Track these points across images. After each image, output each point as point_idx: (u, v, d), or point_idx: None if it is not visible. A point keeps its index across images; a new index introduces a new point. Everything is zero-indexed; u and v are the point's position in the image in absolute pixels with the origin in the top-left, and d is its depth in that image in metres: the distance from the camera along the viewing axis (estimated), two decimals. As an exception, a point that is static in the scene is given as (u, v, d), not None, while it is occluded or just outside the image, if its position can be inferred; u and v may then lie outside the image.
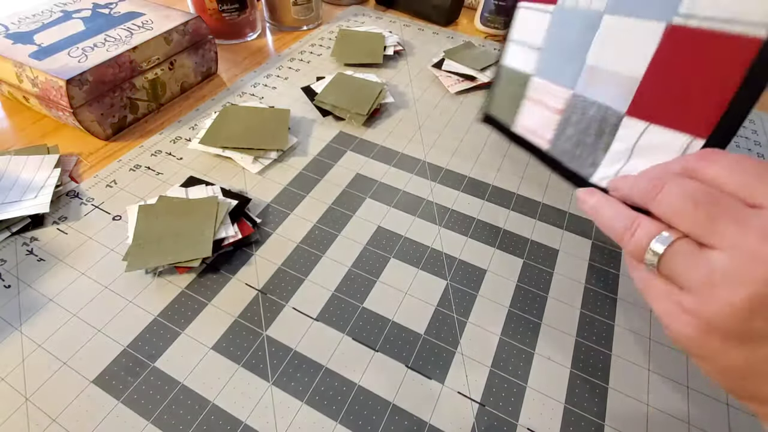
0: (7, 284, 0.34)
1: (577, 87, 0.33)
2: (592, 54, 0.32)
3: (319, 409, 0.29)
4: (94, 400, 0.28)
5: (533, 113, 0.37)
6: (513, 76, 0.39)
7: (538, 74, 0.36)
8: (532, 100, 0.37)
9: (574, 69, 0.33)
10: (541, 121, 0.36)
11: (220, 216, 0.37)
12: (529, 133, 0.37)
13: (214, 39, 0.55)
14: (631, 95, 0.29)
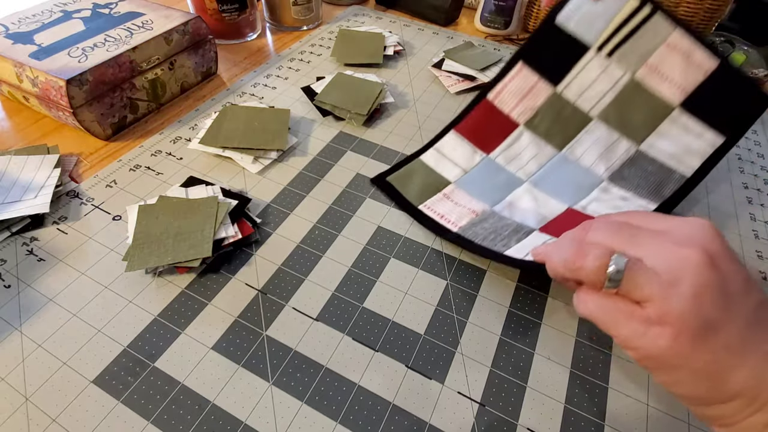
0: (7, 284, 0.34)
1: (495, 208, 0.39)
2: (512, 196, 0.39)
3: (319, 409, 0.29)
4: (94, 400, 0.28)
5: (446, 205, 0.40)
6: (430, 173, 0.42)
7: (459, 186, 0.41)
8: (448, 197, 0.41)
9: (495, 198, 0.40)
10: (455, 212, 0.39)
11: (220, 216, 0.37)
12: (437, 215, 0.39)
13: (214, 39, 0.55)
14: (542, 223, 0.37)
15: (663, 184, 0.38)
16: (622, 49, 0.39)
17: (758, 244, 0.42)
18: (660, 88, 0.39)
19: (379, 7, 0.79)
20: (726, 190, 0.47)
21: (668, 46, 0.38)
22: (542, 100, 0.41)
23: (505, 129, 0.42)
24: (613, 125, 0.40)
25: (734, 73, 0.38)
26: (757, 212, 0.45)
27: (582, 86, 0.40)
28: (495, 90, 0.43)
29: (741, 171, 0.50)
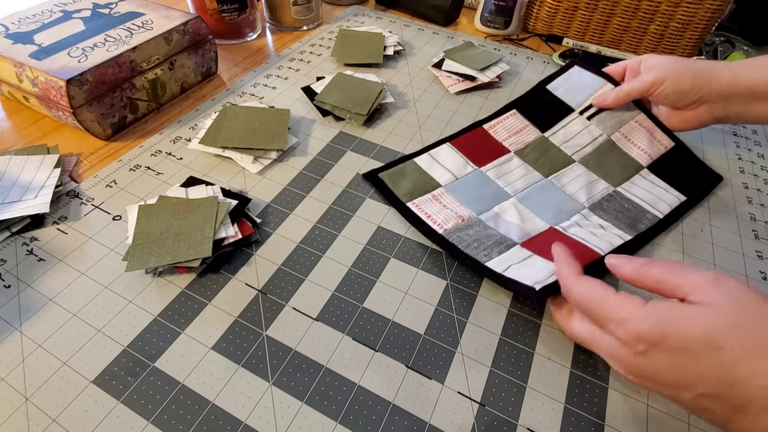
0: (7, 284, 0.34)
1: (481, 217, 0.40)
2: (498, 208, 0.41)
3: (319, 409, 0.29)
4: (94, 400, 0.28)
5: (434, 206, 0.41)
6: (422, 174, 0.44)
7: (449, 190, 0.43)
8: (437, 199, 0.42)
9: (482, 207, 0.41)
10: (442, 214, 0.40)
11: (220, 216, 0.37)
12: (425, 215, 0.40)
13: (214, 39, 0.55)
14: (525, 239, 0.38)
15: (638, 220, 0.41)
16: (600, 116, 0.47)
17: (758, 244, 0.42)
18: (631, 151, 0.46)
19: (379, 7, 0.79)
20: (726, 191, 0.47)
21: (636, 122, 0.46)
22: (532, 139, 0.47)
23: (497, 152, 0.46)
24: (592, 169, 0.45)
25: (689, 154, 0.46)
26: (757, 212, 0.45)
27: (566, 136, 0.47)
28: (490, 123, 0.49)
29: (741, 171, 0.50)
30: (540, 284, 0.32)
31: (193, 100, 0.54)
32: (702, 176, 0.46)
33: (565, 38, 0.71)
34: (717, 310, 0.22)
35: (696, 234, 0.42)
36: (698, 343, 0.22)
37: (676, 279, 0.25)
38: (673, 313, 0.23)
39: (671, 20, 0.62)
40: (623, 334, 0.24)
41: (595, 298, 0.26)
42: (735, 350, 0.21)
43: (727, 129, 0.56)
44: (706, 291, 0.23)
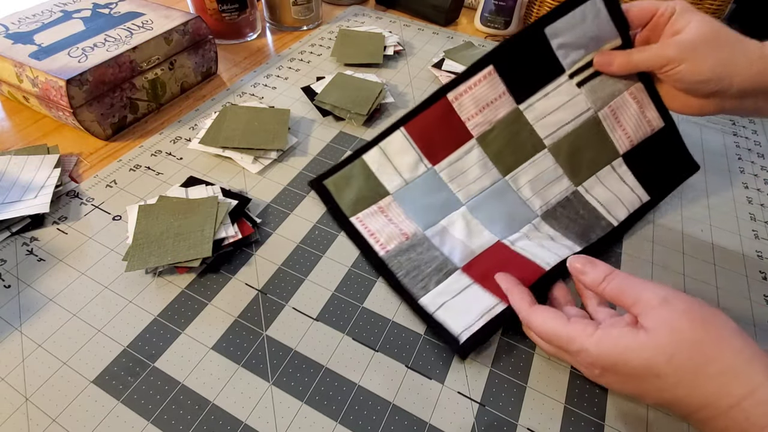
0: (7, 284, 0.34)
1: (428, 233, 0.38)
2: (447, 220, 0.39)
3: (319, 409, 0.29)
4: (94, 400, 0.28)
5: (378, 220, 0.39)
6: (369, 178, 0.40)
7: (397, 199, 0.39)
8: (383, 211, 0.39)
9: (429, 220, 0.39)
10: (386, 231, 0.38)
11: (220, 216, 0.37)
12: (368, 233, 0.38)
13: (214, 39, 0.55)
14: (468, 260, 0.36)
15: (590, 229, 0.39)
16: (592, 83, 0.39)
17: (758, 243, 0.42)
18: (614, 133, 0.40)
19: (379, 7, 0.79)
20: (726, 190, 0.47)
21: (630, 94, 0.39)
22: (502, 115, 0.39)
23: (457, 138, 0.40)
24: (561, 160, 0.40)
25: (676, 136, 0.41)
26: (757, 212, 0.45)
27: (546, 110, 0.39)
28: (458, 90, 0.39)
29: (741, 171, 0.50)
30: (468, 331, 0.32)
31: (193, 100, 0.54)
32: (676, 166, 0.42)
33: (565, 38, 0.70)
34: (654, 340, 0.24)
35: (696, 234, 0.42)
36: (641, 370, 0.24)
37: (630, 298, 0.27)
38: (618, 343, 0.25)
39: (671, 20, 0.62)
40: (580, 362, 0.27)
41: (548, 331, 0.28)
42: (671, 377, 0.24)
43: (727, 129, 0.56)
44: (651, 315, 0.25)
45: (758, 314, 0.36)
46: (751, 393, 0.22)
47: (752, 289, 0.38)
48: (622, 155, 0.40)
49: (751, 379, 0.22)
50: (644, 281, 0.27)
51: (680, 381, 0.23)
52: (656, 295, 0.26)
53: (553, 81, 0.39)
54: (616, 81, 0.39)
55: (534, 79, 0.39)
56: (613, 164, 0.40)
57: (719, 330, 0.24)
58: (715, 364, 0.23)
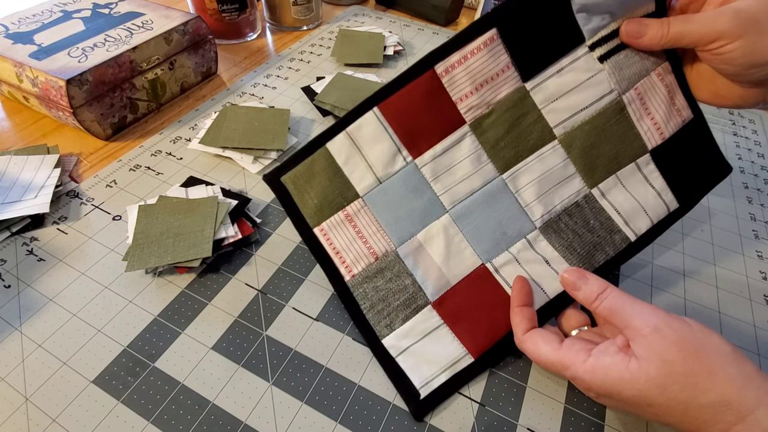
0: (7, 284, 0.34)
1: (401, 250, 0.32)
2: (424, 234, 0.32)
3: (319, 409, 0.29)
4: (94, 400, 0.28)
5: (345, 234, 0.32)
6: (336, 175, 0.32)
7: (368, 202, 0.32)
8: (350, 220, 0.32)
9: (405, 232, 0.32)
10: (353, 250, 0.32)
11: (220, 216, 0.37)
12: (333, 250, 0.32)
13: (214, 39, 0.55)
14: (441, 292, 0.32)
15: (599, 247, 0.33)
16: (617, 57, 0.31)
17: (758, 244, 0.42)
18: (641, 122, 0.32)
19: (379, 7, 0.79)
20: (726, 191, 0.47)
21: (658, 75, 0.32)
22: (504, 95, 0.31)
23: (446, 124, 0.32)
24: (573, 155, 0.32)
25: (706, 130, 0.34)
26: (757, 212, 0.45)
27: (558, 91, 0.32)
28: (449, 60, 0.30)
29: (741, 171, 0.50)
30: (428, 387, 0.30)
31: (193, 100, 0.54)
32: (708, 167, 0.34)
33: (565, 38, 0.70)
34: (647, 373, 0.24)
35: (696, 234, 0.42)
36: (634, 399, 0.25)
37: (621, 322, 0.27)
38: (611, 373, 0.25)
39: (671, 20, 0.62)
40: (577, 385, 0.27)
41: (541, 358, 0.28)
42: (663, 406, 0.24)
43: (727, 129, 0.56)
44: (642, 344, 0.25)
45: (758, 314, 0.36)
46: (742, 418, 0.22)
47: (752, 289, 0.38)
48: (650, 151, 0.33)
49: (743, 407, 0.22)
50: (636, 303, 0.27)
51: (672, 410, 0.24)
52: (647, 323, 0.25)
53: (570, 53, 0.31)
54: (644, 57, 0.31)
55: (547, 49, 0.31)
56: (638, 162, 0.33)
57: (712, 359, 0.24)
58: (707, 395, 0.23)
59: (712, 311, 0.36)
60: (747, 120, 0.58)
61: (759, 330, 0.35)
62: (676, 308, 0.36)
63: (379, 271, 0.32)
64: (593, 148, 0.32)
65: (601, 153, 0.33)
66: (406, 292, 0.32)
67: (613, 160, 0.33)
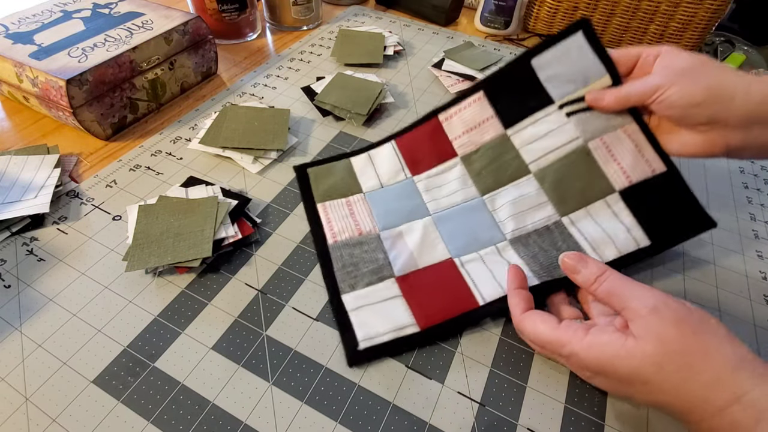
0: (7, 284, 0.34)
1: (383, 234, 0.37)
2: (406, 226, 0.38)
3: (319, 409, 0.29)
4: (94, 400, 0.28)
5: (341, 211, 0.39)
6: (349, 176, 0.42)
7: (367, 197, 0.40)
8: (349, 205, 0.40)
9: (390, 222, 0.38)
10: (342, 223, 0.38)
11: (220, 216, 0.37)
12: (326, 220, 0.39)
13: (214, 39, 0.55)
14: (407, 271, 0.35)
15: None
16: (582, 116, 0.37)
17: (758, 244, 0.42)
18: (608, 165, 0.36)
19: (379, 7, 0.79)
20: (726, 190, 0.47)
21: (624, 132, 0.36)
22: (488, 138, 0.40)
23: (442, 154, 0.41)
24: (546, 187, 0.37)
25: (682, 184, 0.35)
26: (757, 212, 0.45)
27: (533, 136, 0.38)
28: (448, 112, 0.42)
29: (741, 171, 0.50)
30: (369, 341, 0.31)
31: (193, 100, 0.54)
32: (685, 218, 0.35)
33: (565, 38, 0.71)
34: (642, 350, 0.25)
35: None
36: (629, 376, 0.25)
37: (619, 303, 0.27)
38: (606, 351, 0.26)
39: (671, 20, 0.62)
40: (572, 365, 0.28)
41: (539, 336, 0.29)
42: (658, 384, 0.24)
43: (727, 129, 0.56)
44: (640, 323, 0.26)
45: (758, 314, 0.36)
46: (737, 399, 0.22)
47: (752, 289, 0.38)
48: (618, 191, 0.36)
49: (738, 387, 0.23)
50: (635, 285, 0.28)
51: (667, 388, 0.24)
52: (645, 303, 0.26)
53: (543, 109, 0.38)
54: (609, 118, 0.37)
55: (523, 107, 0.39)
56: (607, 199, 0.36)
57: (708, 339, 0.24)
58: (702, 374, 0.23)
59: (712, 311, 0.36)
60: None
61: (759, 330, 0.35)
62: (676, 308, 0.36)
63: (359, 243, 0.37)
64: (563, 182, 0.37)
65: (571, 187, 0.37)
66: (377, 263, 0.36)
67: (581, 194, 0.37)
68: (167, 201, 0.38)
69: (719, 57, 0.67)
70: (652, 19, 0.63)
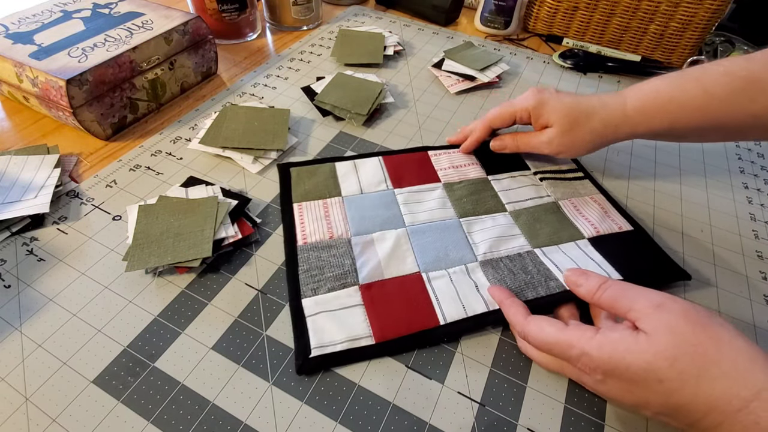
0: (7, 284, 0.34)
1: (354, 239, 0.37)
2: (379, 234, 0.38)
3: (319, 409, 0.29)
4: (94, 400, 0.28)
5: (316, 213, 0.40)
6: (331, 179, 0.43)
7: (345, 201, 0.41)
8: (325, 207, 0.40)
9: (363, 228, 0.38)
10: (315, 225, 0.38)
11: (220, 216, 0.37)
12: (299, 220, 0.39)
13: (214, 39, 0.55)
14: (371, 280, 0.35)
15: (530, 287, 0.34)
16: (553, 181, 0.44)
17: (758, 244, 0.42)
18: (576, 219, 0.40)
19: (379, 7, 0.79)
20: (726, 190, 0.47)
21: (592, 199, 0.43)
22: (471, 176, 0.44)
23: (426, 177, 0.44)
24: (519, 224, 0.40)
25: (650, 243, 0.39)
26: (757, 212, 0.45)
27: (510, 185, 0.44)
28: (437, 152, 0.47)
29: (741, 171, 0.50)
30: (320, 350, 0.31)
31: (193, 100, 0.54)
32: (661, 269, 0.37)
33: (565, 38, 0.71)
34: (655, 343, 0.24)
35: (696, 234, 0.42)
36: (642, 374, 0.24)
37: (625, 305, 0.27)
38: (619, 346, 0.25)
39: (671, 20, 0.62)
40: (583, 366, 0.26)
41: (546, 338, 0.28)
42: (674, 381, 0.23)
43: (727, 129, 0.56)
44: (649, 320, 0.25)
45: (758, 314, 0.36)
46: (757, 394, 0.22)
47: (752, 289, 0.38)
48: (588, 238, 0.39)
49: (755, 379, 0.22)
50: (638, 288, 0.27)
51: (684, 385, 0.23)
52: (651, 301, 0.26)
53: (520, 171, 0.45)
54: (576, 187, 0.44)
55: (503, 165, 0.46)
56: (577, 243, 0.38)
57: (718, 332, 0.24)
58: (718, 366, 0.23)
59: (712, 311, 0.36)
60: (747, 120, 0.58)
61: (759, 330, 0.35)
62: (676, 308, 0.36)
63: (329, 246, 0.37)
64: (536, 223, 0.40)
65: (543, 227, 0.40)
66: (342, 268, 0.35)
67: (554, 234, 0.39)
68: (167, 201, 0.38)
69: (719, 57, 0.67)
70: (652, 19, 0.63)
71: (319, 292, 0.34)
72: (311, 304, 0.33)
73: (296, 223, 0.39)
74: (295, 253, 0.36)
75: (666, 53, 0.66)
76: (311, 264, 0.36)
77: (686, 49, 0.64)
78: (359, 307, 0.33)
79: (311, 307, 0.33)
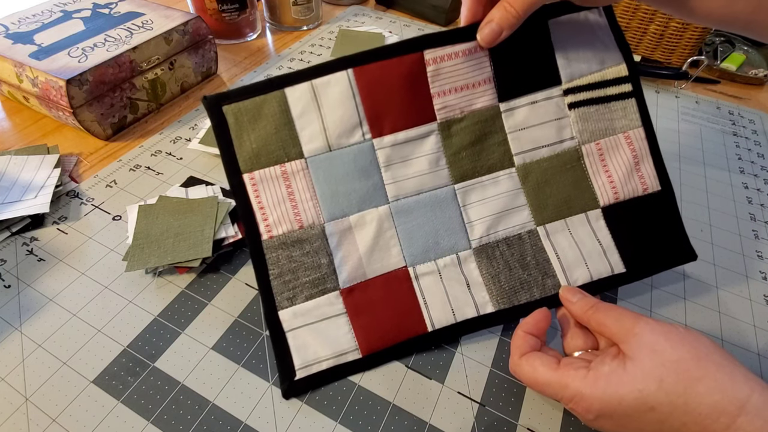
0: (7, 284, 0.34)
1: (328, 227, 0.31)
2: (358, 217, 0.32)
3: (319, 409, 0.29)
4: (94, 400, 0.28)
5: (277, 191, 0.31)
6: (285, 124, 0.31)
7: (311, 166, 0.31)
8: (286, 179, 0.31)
9: (338, 210, 0.31)
10: (279, 210, 0.31)
11: (220, 216, 0.37)
12: (258, 204, 0.31)
13: (214, 39, 0.55)
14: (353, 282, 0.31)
15: (525, 287, 0.32)
16: (585, 109, 0.33)
17: (758, 244, 0.42)
18: (597, 177, 0.33)
19: (379, 7, 0.79)
20: (726, 190, 0.47)
21: (626, 138, 0.33)
22: (478, 107, 0.33)
23: (416, 114, 0.32)
24: (527, 187, 0.33)
25: (673, 209, 0.34)
26: (757, 212, 0.45)
27: (526, 121, 0.33)
28: (440, 51, 0.31)
29: (741, 171, 0.50)
30: (306, 370, 0.29)
31: (193, 100, 0.54)
32: (669, 247, 0.34)
33: (565, 38, 0.70)
34: (641, 366, 0.25)
35: (696, 234, 0.42)
36: (634, 406, 0.24)
37: (609, 330, 0.27)
38: (610, 381, 0.25)
39: (671, 20, 0.62)
40: (575, 407, 0.26)
41: (539, 380, 0.27)
42: (665, 406, 0.24)
43: (727, 129, 0.56)
44: (632, 342, 0.26)
45: (758, 314, 0.36)
46: (741, 409, 0.22)
47: (752, 289, 0.38)
48: (602, 207, 0.33)
49: (738, 392, 0.23)
50: (622, 309, 0.28)
51: (674, 408, 0.23)
52: (633, 320, 0.26)
53: (545, 89, 0.33)
54: (613, 117, 0.33)
55: (526, 77, 0.33)
56: (588, 214, 0.33)
57: (698, 347, 0.24)
58: (702, 382, 0.23)
59: (712, 311, 0.36)
60: (747, 120, 0.58)
61: (759, 330, 0.35)
62: (676, 308, 0.36)
63: (299, 241, 0.31)
64: (546, 186, 0.33)
65: (553, 193, 0.33)
66: (319, 271, 0.31)
67: (563, 203, 0.33)
68: (167, 201, 0.38)
69: (719, 57, 0.67)
70: (652, 19, 0.63)
71: (296, 302, 0.30)
72: (289, 317, 0.30)
73: (254, 209, 0.31)
74: (262, 253, 0.31)
75: (666, 53, 0.66)
76: (282, 267, 0.31)
77: (686, 49, 0.64)
78: (342, 316, 0.31)
79: (290, 321, 0.30)
